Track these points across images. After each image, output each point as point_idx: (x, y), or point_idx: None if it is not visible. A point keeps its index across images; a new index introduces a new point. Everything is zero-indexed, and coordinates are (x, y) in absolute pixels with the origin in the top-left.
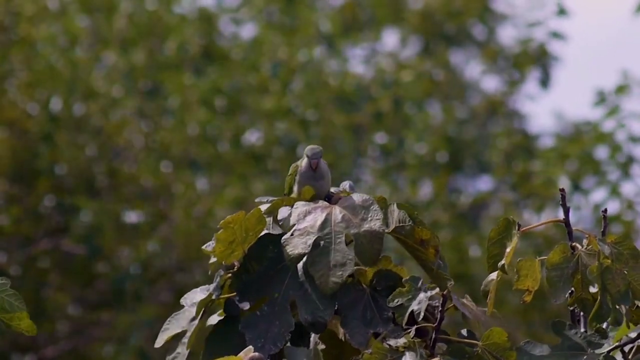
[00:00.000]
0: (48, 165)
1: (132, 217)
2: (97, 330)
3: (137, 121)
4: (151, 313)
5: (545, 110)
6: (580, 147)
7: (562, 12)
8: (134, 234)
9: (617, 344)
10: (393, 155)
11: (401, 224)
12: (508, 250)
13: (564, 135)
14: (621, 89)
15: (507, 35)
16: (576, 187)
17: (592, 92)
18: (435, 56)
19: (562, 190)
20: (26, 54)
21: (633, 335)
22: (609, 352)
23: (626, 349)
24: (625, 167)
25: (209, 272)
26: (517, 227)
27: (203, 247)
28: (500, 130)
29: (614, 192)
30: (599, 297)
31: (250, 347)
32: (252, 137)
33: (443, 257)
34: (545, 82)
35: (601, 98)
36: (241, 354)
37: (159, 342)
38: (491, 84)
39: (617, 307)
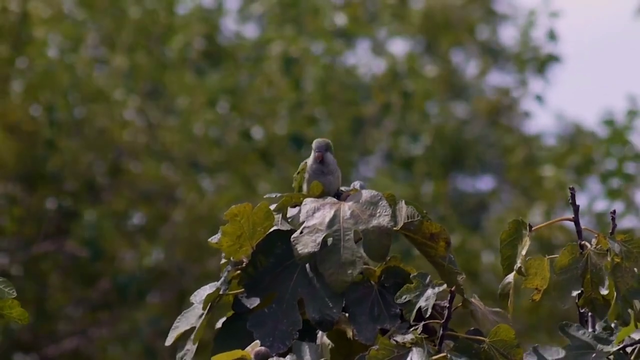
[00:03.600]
0: (51, 167)
1: (134, 218)
2: (99, 330)
3: (139, 122)
4: (155, 312)
5: (544, 108)
6: (586, 153)
7: (552, 37)
8: (137, 235)
9: (620, 345)
10: (398, 150)
11: (410, 220)
12: (523, 252)
13: (564, 135)
14: (632, 113)
15: (509, 35)
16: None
17: (590, 89)
18: (439, 56)
19: (572, 188)
20: (30, 56)
21: (636, 336)
22: (618, 350)
23: (629, 350)
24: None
25: (221, 272)
26: (527, 228)
27: (209, 239)
28: (502, 131)
29: (613, 194)
30: (614, 295)
31: (257, 341)
32: (258, 135)
33: (452, 252)
34: (540, 97)
35: (610, 121)
36: (248, 348)
37: (169, 340)
38: (494, 84)
39: (626, 307)
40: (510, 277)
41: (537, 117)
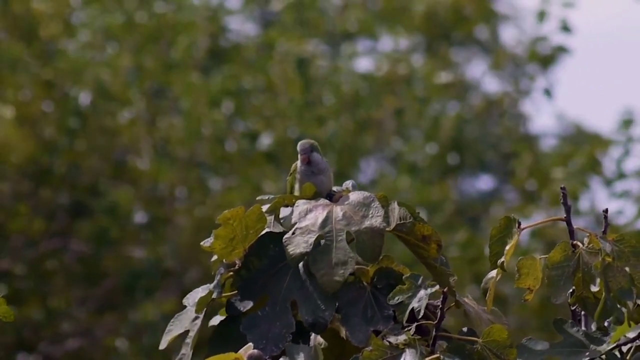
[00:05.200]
0: (63, 162)
1: (138, 216)
2: (103, 329)
3: (145, 122)
4: (166, 309)
5: (543, 107)
6: (590, 154)
7: (565, 28)
8: (141, 233)
9: (615, 343)
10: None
11: (402, 221)
12: (507, 247)
13: (565, 135)
14: None
15: (511, 36)
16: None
17: (590, 89)
18: (439, 56)
19: (563, 188)
20: (45, 50)
21: (631, 335)
22: (611, 349)
23: (625, 349)
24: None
25: (212, 272)
26: (517, 225)
27: (202, 243)
28: (503, 131)
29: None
30: (603, 294)
31: (251, 344)
32: (265, 140)
33: (445, 254)
34: (549, 91)
35: (628, 120)
36: (241, 351)
37: (163, 344)
38: (493, 84)
39: (619, 306)
40: (493, 273)
41: (537, 117)
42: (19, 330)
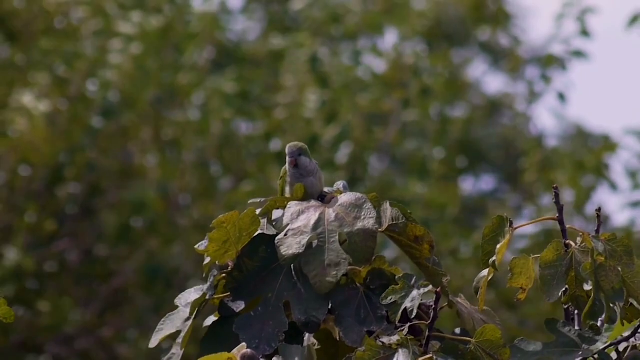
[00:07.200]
0: (80, 163)
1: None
2: (110, 329)
3: (152, 122)
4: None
5: (543, 108)
6: (596, 157)
7: (584, 33)
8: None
9: (611, 342)
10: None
11: (394, 222)
12: (499, 246)
13: (566, 136)
14: None
15: (520, 37)
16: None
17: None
18: (439, 56)
19: (556, 187)
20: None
21: (627, 334)
22: (604, 349)
23: (621, 348)
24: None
25: (203, 275)
26: (509, 225)
27: (196, 246)
28: (506, 131)
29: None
30: (592, 295)
31: (244, 344)
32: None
33: (437, 254)
34: (562, 95)
35: None
36: (234, 350)
37: (153, 343)
38: (497, 85)
39: (612, 305)
40: (485, 272)
41: (540, 118)
42: (28, 330)
